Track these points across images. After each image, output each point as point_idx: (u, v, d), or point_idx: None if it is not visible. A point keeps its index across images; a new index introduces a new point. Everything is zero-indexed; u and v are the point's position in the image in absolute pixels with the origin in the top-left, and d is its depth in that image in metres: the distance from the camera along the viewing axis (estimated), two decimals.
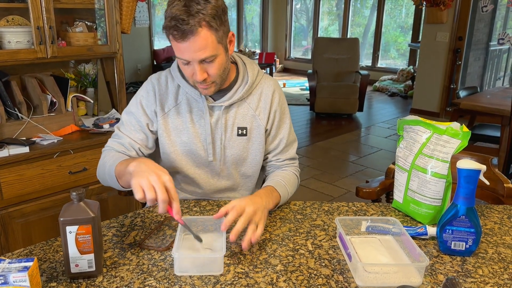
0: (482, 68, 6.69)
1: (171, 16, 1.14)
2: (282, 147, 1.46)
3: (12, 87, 2.13)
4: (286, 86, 8.56)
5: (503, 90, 4.36)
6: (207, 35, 1.16)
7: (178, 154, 1.39)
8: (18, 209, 2.02)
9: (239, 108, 1.39)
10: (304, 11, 10.59)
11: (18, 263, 0.86)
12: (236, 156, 1.41)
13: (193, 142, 1.38)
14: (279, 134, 1.45)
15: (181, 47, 1.17)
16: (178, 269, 1.01)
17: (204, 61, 1.20)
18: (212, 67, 1.22)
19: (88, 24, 2.42)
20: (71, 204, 0.96)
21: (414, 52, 8.24)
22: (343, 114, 6.26)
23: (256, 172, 1.48)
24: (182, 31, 1.13)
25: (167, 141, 1.39)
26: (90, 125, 2.35)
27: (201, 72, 1.21)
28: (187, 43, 1.16)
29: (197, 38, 1.15)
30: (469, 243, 1.10)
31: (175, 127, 1.38)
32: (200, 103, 1.36)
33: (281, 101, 1.45)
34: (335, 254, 1.10)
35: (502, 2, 6.47)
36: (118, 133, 1.40)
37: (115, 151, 1.37)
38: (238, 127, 1.39)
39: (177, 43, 1.17)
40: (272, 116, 1.42)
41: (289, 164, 1.49)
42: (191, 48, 1.16)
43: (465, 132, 1.22)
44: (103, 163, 1.33)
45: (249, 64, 1.41)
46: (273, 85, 1.44)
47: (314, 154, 4.69)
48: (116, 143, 1.38)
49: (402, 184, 1.32)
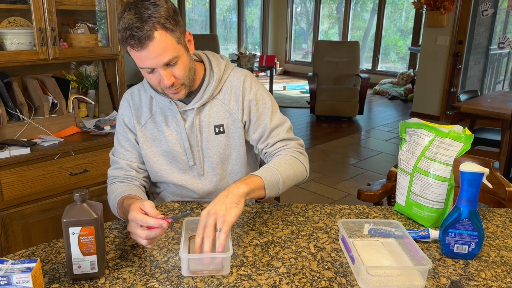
0: (482, 72, 6.70)
1: (125, 27, 1.13)
2: (268, 132, 1.39)
3: (14, 88, 2.13)
4: (287, 88, 8.56)
5: (503, 94, 4.37)
6: (164, 38, 1.14)
7: (162, 164, 1.40)
8: (18, 210, 2.01)
9: (212, 107, 1.37)
10: (304, 14, 10.61)
11: (21, 264, 0.85)
12: (220, 155, 1.40)
13: (174, 149, 1.38)
14: (261, 122, 1.39)
15: (141, 55, 1.15)
16: (186, 270, 1.01)
17: (168, 64, 1.19)
18: (177, 69, 1.21)
19: (90, 26, 2.43)
20: (74, 205, 0.96)
21: (414, 56, 8.25)
22: (343, 117, 6.26)
23: (244, 167, 1.45)
24: (139, 39, 1.12)
25: (148, 153, 1.39)
26: (91, 127, 2.35)
27: (168, 77, 1.20)
28: (146, 50, 1.14)
29: (155, 42, 1.13)
30: (471, 246, 1.10)
31: (153, 137, 1.38)
32: (172, 110, 1.36)
33: (253, 89, 1.39)
34: (337, 257, 1.10)
35: (502, 6, 6.48)
36: (113, 159, 1.43)
37: (118, 178, 1.39)
38: (214, 125, 1.37)
39: (136, 52, 1.15)
40: (246, 106, 1.38)
41: (282, 147, 1.39)
42: (151, 54, 1.15)
43: (468, 135, 1.22)
44: (109, 198, 1.35)
45: (214, 60, 1.39)
46: (242, 75, 1.40)
47: (315, 157, 4.69)
48: (115, 170, 1.41)
49: (405, 187, 1.32)
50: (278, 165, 1.29)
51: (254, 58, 7.76)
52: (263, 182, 1.20)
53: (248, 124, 1.41)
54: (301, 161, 1.37)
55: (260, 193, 1.20)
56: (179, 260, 1.06)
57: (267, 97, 1.42)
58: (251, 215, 1.32)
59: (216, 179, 1.43)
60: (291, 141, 1.41)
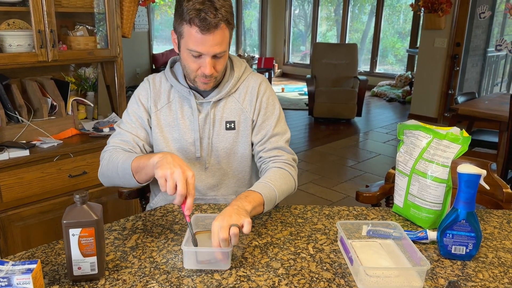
0: (479, 74, 6.73)
1: (197, 9, 1.18)
2: (268, 136, 1.44)
3: (13, 90, 2.14)
4: (285, 91, 8.57)
5: (501, 96, 4.38)
6: (225, 31, 1.24)
7: (171, 150, 1.43)
8: (17, 212, 2.02)
9: (227, 103, 1.43)
10: (303, 17, 10.64)
11: (21, 265, 0.86)
12: (226, 150, 1.44)
13: (184, 138, 1.42)
14: (265, 125, 1.45)
15: (201, 39, 1.21)
16: (187, 263, 1.04)
17: (215, 56, 1.26)
18: (219, 62, 1.30)
19: (89, 28, 2.43)
20: (74, 207, 0.96)
21: (412, 58, 8.28)
22: (341, 119, 6.28)
23: (247, 167, 1.48)
24: (209, 23, 1.19)
25: (160, 137, 1.42)
26: (90, 129, 2.36)
27: (210, 66, 1.27)
28: (209, 36, 1.21)
29: (219, 32, 1.21)
30: (469, 247, 1.10)
31: (167, 123, 1.42)
32: (190, 101, 1.41)
33: (267, 93, 1.46)
34: (336, 258, 1.11)
35: (499, 9, 6.51)
36: (120, 131, 1.41)
37: (121, 149, 1.37)
38: (226, 121, 1.43)
39: (198, 34, 1.21)
40: (258, 106, 1.44)
41: (277, 157, 1.42)
42: (210, 41, 1.22)
43: (465, 137, 1.22)
44: (112, 160, 1.31)
45: (236, 61, 1.47)
46: (260, 79, 1.48)
47: (313, 159, 4.70)
48: (119, 140, 1.39)
49: (403, 189, 1.33)
50: (274, 180, 1.32)
51: (252, 60, 7.77)
52: (263, 199, 1.22)
53: (254, 125, 1.46)
54: (292, 176, 1.41)
55: (259, 209, 1.23)
56: (178, 262, 1.07)
57: (277, 105, 1.49)
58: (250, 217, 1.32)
59: (219, 174, 1.46)
60: (286, 153, 1.44)
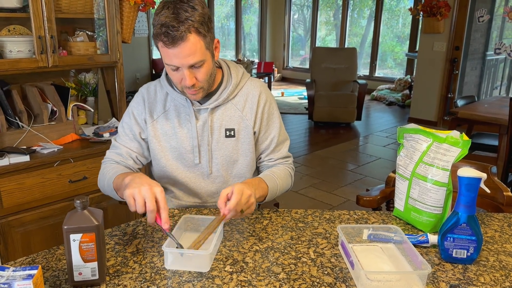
0: (479, 77, 6.73)
1: (161, 23, 1.18)
2: (273, 146, 1.49)
3: (13, 96, 2.14)
4: (285, 95, 8.58)
5: (500, 99, 4.38)
6: (196, 41, 1.21)
7: (168, 159, 1.44)
8: (17, 218, 2.01)
9: (226, 110, 1.43)
10: (302, 21, 10.67)
11: (22, 271, 0.86)
12: (226, 158, 1.44)
13: (182, 146, 1.42)
14: (269, 134, 1.48)
15: (170, 53, 1.21)
16: (168, 263, 1.07)
17: (193, 66, 1.25)
18: (200, 72, 1.27)
19: (89, 34, 2.44)
20: (75, 212, 0.96)
21: (411, 62, 8.30)
22: (341, 123, 6.28)
23: (250, 173, 1.50)
24: (173, 37, 1.18)
25: (157, 147, 1.43)
26: (90, 134, 2.36)
27: (190, 77, 1.26)
28: (177, 49, 1.20)
29: (186, 43, 1.19)
30: (470, 251, 1.10)
31: (164, 132, 1.43)
32: (187, 108, 1.41)
33: (268, 101, 1.47)
34: (337, 262, 1.11)
35: (498, 12, 6.53)
36: (115, 143, 1.47)
37: (114, 161, 1.43)
38: (226, 128, 1.43)
39: (167, 49, 1.21)
40: (259, 117, 1.45)
41: (282, 162, 1.52)
42: (180, 54, 1.20)
43: (465, 140, 1.23)
44: (103, 174, 1.39)
45: (233, 67, 1.46)
46: (259, 86, 1.48)
47: (313, 163, 4.69)
48: (114, 154, 1.45)
49: (403, 192, 1.33)
50: (279, 176, 1.43)
51: (252, 64, 7.79)
52: (267, 191, 1.34)
53: (258, 134, 1.47)
54: (292, 177, 1.53)
55: (260, 200, 1.34)
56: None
57: (277, 112, 1.52)
58: (251, 221, 1.32)
59: (220, 181, 1.47)
60: (289, 158, 1.55)
